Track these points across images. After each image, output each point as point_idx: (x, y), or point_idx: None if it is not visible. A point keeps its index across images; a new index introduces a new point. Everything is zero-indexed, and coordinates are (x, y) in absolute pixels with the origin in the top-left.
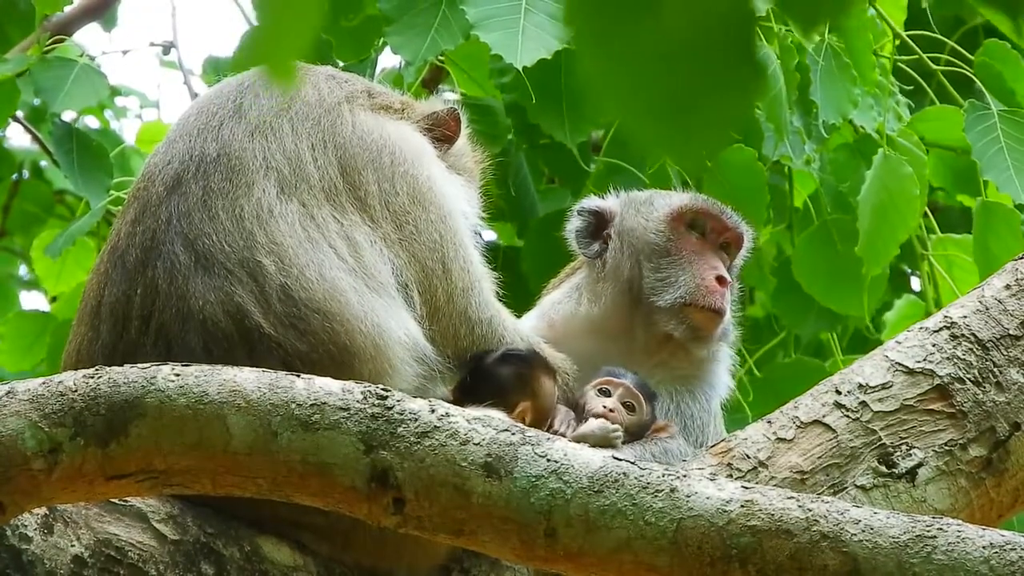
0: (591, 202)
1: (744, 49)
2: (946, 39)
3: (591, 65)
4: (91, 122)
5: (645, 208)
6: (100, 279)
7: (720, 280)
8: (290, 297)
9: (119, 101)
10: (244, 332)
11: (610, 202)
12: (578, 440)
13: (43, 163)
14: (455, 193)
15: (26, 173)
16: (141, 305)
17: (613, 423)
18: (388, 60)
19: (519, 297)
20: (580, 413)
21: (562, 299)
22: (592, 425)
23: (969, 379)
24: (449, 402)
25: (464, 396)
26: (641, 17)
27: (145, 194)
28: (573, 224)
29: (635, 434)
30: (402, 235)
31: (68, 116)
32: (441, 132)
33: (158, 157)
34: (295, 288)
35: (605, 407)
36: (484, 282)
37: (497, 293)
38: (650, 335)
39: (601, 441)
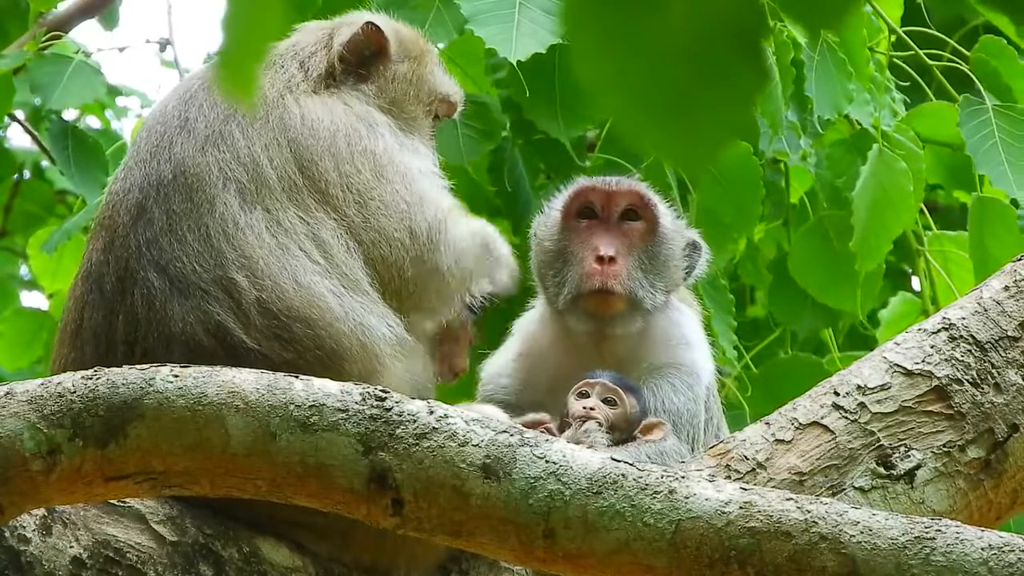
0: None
1: (751, 49)
2: (942, 35)
3: (591, 64)
4: (92, 122)
5: (545, 215)
6: (78, 302)
7: (599, 259)
8: (268, 310)
9: (120, 101)
10: (229, 349)
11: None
12: None
13: (44, 163)
14: (413, 161)
15: (27, 173)
16: (124, 331)
17: (595, 420)
18: None
19: (515, 294)
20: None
21: (533, 314)
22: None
23: (967, 380)
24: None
25: None
26: (644, 15)
27: (111, 223)
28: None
29: (624, 429)
30: (368, 212)
31: (69, 115)
32: (371, 50)
33: (118, 185)
34: (271, 300)
35: (585, 408)
36: (452, 229)
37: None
38: (583, 338)
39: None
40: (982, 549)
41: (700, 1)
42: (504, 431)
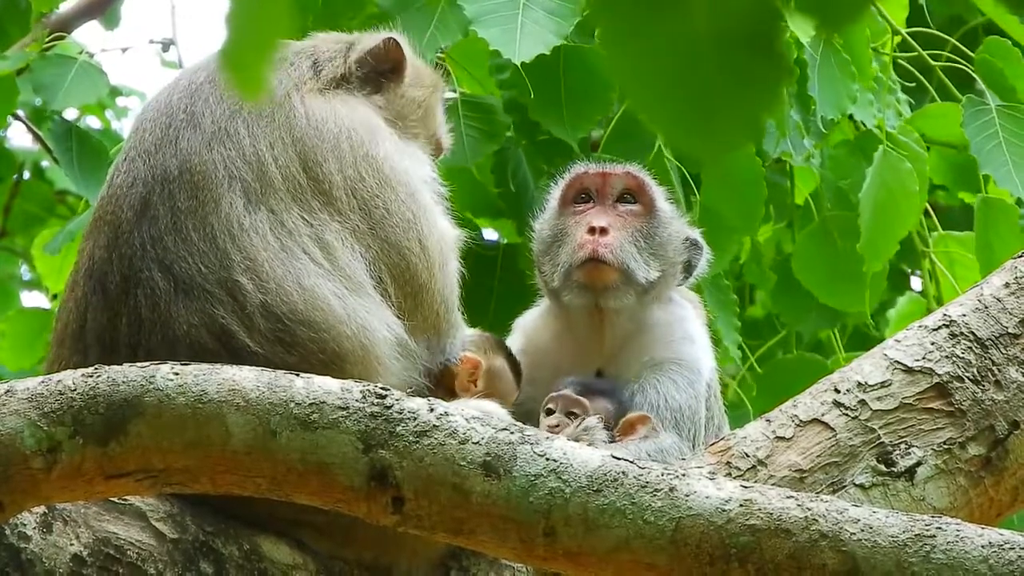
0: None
1: (768, 46)
2: (947, 36)
3: (615, 61)
4: (92, 122)
5: (543, 212)
6: (79, 302)
7: (591, 229)
8: (272, 313)
9: (120, 101)
10: (232, 352)
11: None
12: None
13: (44, 163)
14: (413, 168)
15: (27, 173)
16: (128, 333)
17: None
18: None
19: (518, 295)
20: None
21: (535, 312)
22: None
23: (968, 377)
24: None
25: None
26: (666, 13)
27: (114, 219)
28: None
29: (605, 426)
30: (373, 221)
31: (70, 114)
32: (388, 65)
33: (120, 177)
34: (275, 303)
35: (549, 426)
36: (452, 259)
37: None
38: (581, 320)
39: None
40: (982, 547)
41: (720, 3)
42: (504, 428)
